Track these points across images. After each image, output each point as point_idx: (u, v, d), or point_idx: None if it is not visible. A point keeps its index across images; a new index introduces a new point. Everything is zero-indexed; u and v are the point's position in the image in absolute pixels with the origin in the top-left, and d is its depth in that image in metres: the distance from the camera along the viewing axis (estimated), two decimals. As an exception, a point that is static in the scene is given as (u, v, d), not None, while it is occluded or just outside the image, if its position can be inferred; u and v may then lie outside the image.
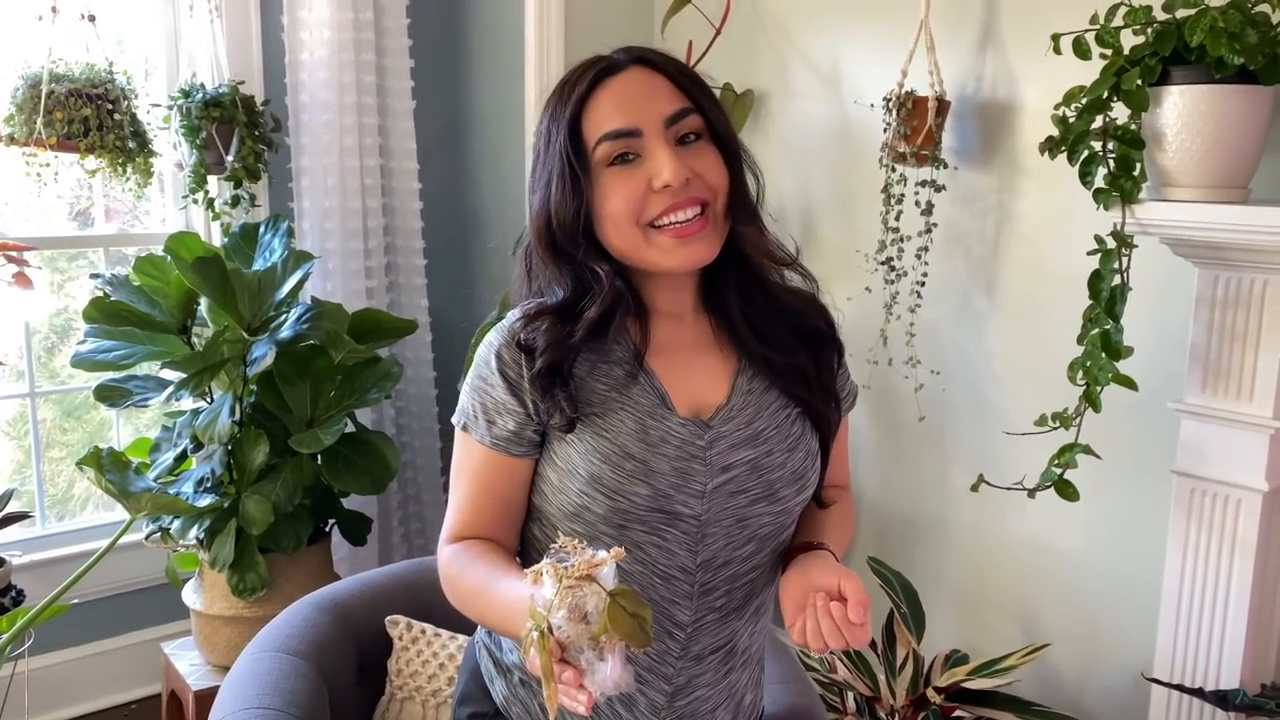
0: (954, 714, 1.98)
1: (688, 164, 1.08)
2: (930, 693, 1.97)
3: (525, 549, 1.20)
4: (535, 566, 0.89)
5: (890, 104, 2.10)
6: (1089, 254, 1.72)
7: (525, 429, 1.12)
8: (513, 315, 1.16)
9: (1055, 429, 1.78)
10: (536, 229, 1.14)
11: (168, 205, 2.78)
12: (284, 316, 2.35)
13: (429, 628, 1.77)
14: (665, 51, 1.15)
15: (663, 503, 1.10)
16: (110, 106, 2.39)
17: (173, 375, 2.31)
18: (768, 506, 1.15)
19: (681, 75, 1.12)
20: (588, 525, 1.10)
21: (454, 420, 1.18)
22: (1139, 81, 1.61)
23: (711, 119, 1.11)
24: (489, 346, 1.15)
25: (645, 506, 1.09)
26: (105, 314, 2.29)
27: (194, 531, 2.31)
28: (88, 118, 2.35)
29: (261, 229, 2.48)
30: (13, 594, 2.26)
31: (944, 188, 2.12)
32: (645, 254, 1.10)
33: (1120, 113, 1.66)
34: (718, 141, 1.12)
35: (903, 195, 2.14)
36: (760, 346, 1.17)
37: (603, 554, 0.88)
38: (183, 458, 2.39)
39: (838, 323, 1.27)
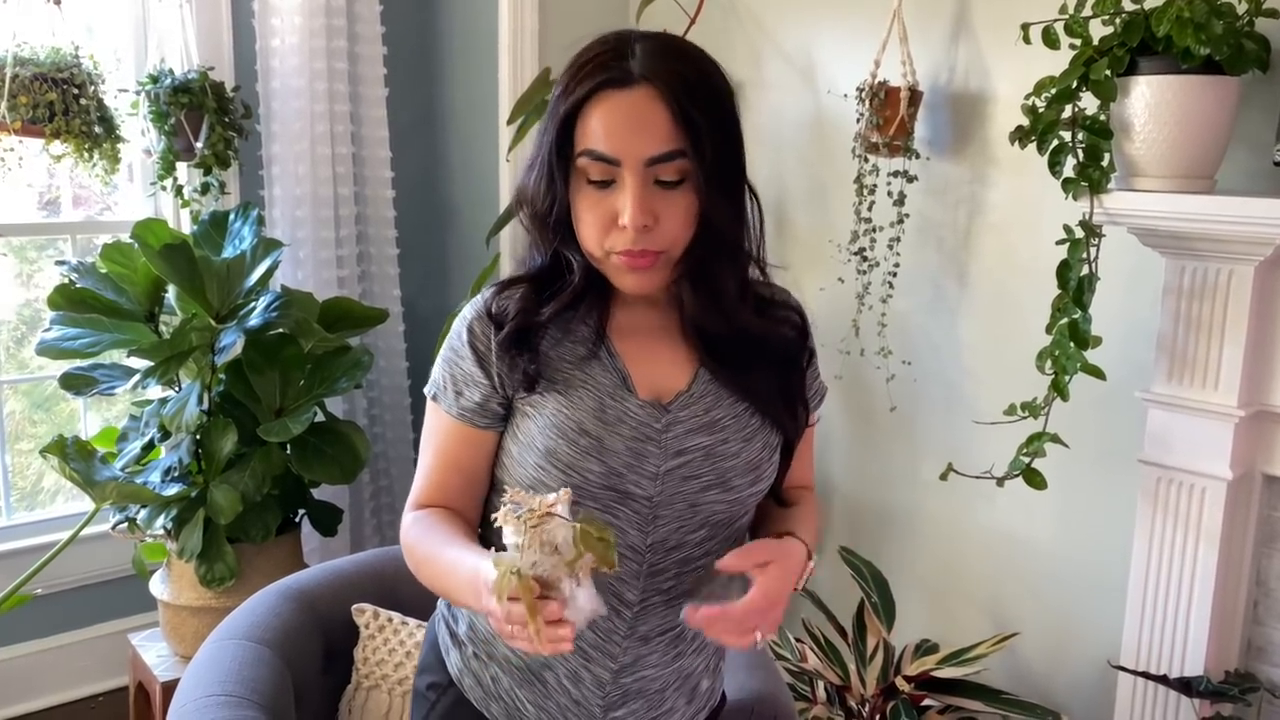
0: (923, 703, 1.99)
1: (654, 208, 1.06)
2: (900, 681, 1.97)
3: (488, 521, 1.21)
4: (497, 516, 0.94)
5: (863, 94, 2.10)
6: (1057, 244, 1.73)
7: (490, 401, 1.14)
8: (488, 288, 1.18)
9: (1024, 418, 1.79)
10: (518, 201, 1.16)
11: (137, 193, 2.75)
12: (253, 304, 2.33)
13: (396, 616, 1.76)
14: (695, 58, 1.09)
15: (615, 481, 1.11)
16: (76, 91, 2.36)
17: (140, 363, 2.28)
18: (721, 494, 1.15)
19: (692, 104, 1.05)
20: None
21: (426, 390, 1.21)
22: (1107, 72, 1.62)
23: (705, 159, 1.05)
24: (462, 320, 1.17)
25: (597, 484, 1.11)
26: (71, 301, 2.26)
27: (161, 521, 2.28)
28: (53, 102, 2.32)
29: (231, 216, 2.45)
30: (-25, 584, 2.23)
31: (916, 178, 2.12)
32: (604, 268, 1.12)
33: (1089, 103, 1.67)
34: (709, 179, 1.06)
35: (875, 186, 2.14)
36: (723, 370, 1.16)
37: (552, 495, 0.93)
38: (150, 447, 2.37)
39: (810, 320, 1.25)
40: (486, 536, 1.22)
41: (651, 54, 1.06)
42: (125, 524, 2.33)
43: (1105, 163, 1.67)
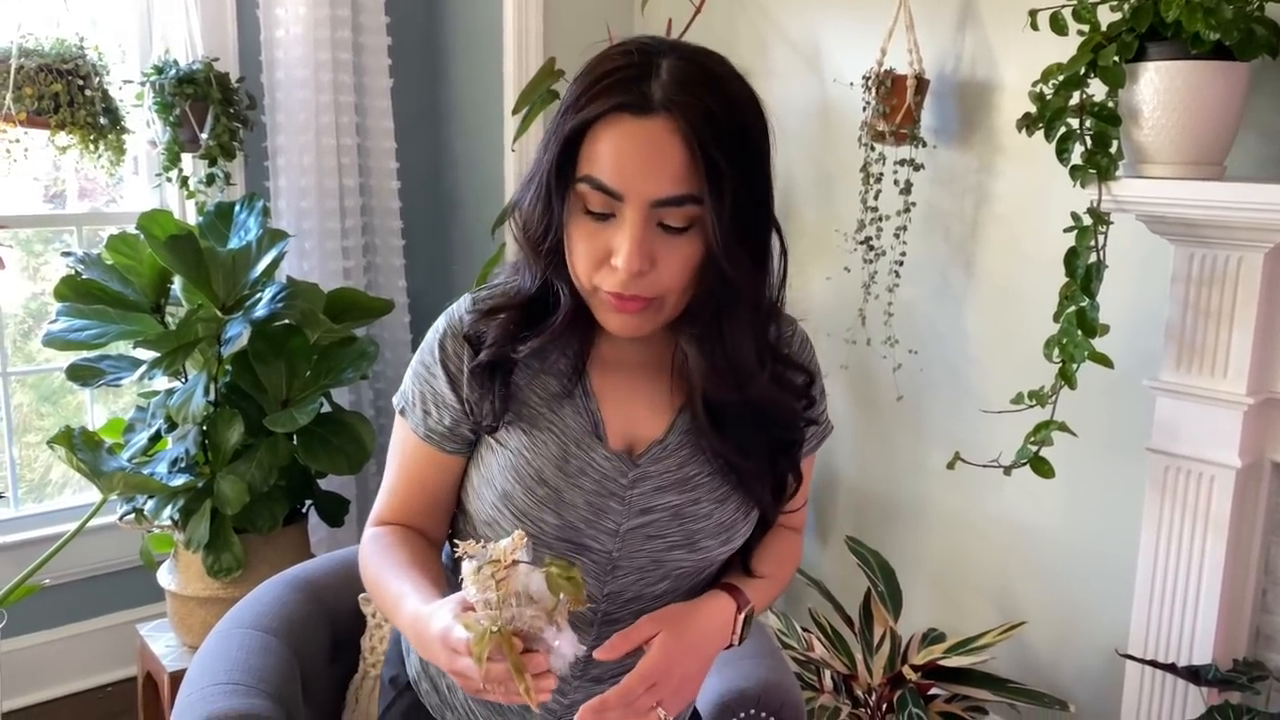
0: (930, 691, 1.99)
1: (653, 252, 0.95)
2: (907, 670, 1.97)
3: (454, 541, 1.17)
4: (462, 575, 0.88)
5: (869, 83, 2.09)
6: (1065, 231, 1.72)
7: (460, 426, 1.08)
8: (463, 302, 1.10)
9: (1031, 407, 1.79)
10: (513, 216, 1.05)
11: (143, 185, 2.75)
12: (259, 295, 2.33)
13: (403, 606, 1.76)
14: (728, 88, 0.96)
15: (571, 535, 1.05)
16: (81, 82, 2.36)
17: (146, 355, 2.28)
18: (686, 553, 1.08)
19: (715, 145, 0.92)
20: (497, 538, 1.04)
21: (394, 401, 1.15)
22: (1115, 58, 1.61)
23: (723, 208, 0.93)
24: (436, 333, 1.10)
25: (553, 535, 1.05)
26: (77, 292, 2.26)
27: (168, 512, 2.29)
28: (58, 93, 2.32)
29: (237, 208, 2.45)
30: (-16, 575, 2.24)
31: (923, 167, 2.11)
32: (590, 301, 1.02)
33: (1097, 89, 1.66)
34: (726, 229, 0.95)
35: (881, 174, 2.14)
36: (710, 427, 1.06)
37: (506, 542, 0.87)
38: (157, 438, 2.37)
39: (820, 377, 1.16)
40: (453, 556, 1.19)
41: (678, 78, 0.93)
42: (132, 515, 2.33)
43: (1113, 150, 1.66)
